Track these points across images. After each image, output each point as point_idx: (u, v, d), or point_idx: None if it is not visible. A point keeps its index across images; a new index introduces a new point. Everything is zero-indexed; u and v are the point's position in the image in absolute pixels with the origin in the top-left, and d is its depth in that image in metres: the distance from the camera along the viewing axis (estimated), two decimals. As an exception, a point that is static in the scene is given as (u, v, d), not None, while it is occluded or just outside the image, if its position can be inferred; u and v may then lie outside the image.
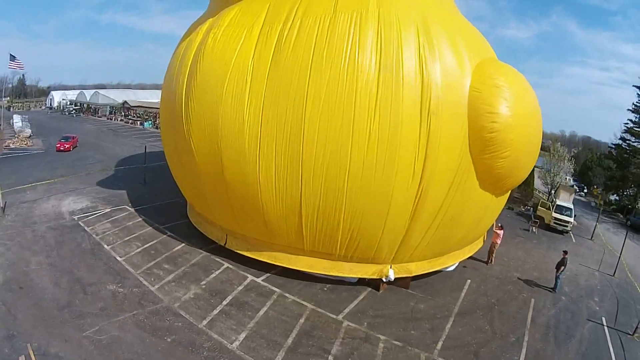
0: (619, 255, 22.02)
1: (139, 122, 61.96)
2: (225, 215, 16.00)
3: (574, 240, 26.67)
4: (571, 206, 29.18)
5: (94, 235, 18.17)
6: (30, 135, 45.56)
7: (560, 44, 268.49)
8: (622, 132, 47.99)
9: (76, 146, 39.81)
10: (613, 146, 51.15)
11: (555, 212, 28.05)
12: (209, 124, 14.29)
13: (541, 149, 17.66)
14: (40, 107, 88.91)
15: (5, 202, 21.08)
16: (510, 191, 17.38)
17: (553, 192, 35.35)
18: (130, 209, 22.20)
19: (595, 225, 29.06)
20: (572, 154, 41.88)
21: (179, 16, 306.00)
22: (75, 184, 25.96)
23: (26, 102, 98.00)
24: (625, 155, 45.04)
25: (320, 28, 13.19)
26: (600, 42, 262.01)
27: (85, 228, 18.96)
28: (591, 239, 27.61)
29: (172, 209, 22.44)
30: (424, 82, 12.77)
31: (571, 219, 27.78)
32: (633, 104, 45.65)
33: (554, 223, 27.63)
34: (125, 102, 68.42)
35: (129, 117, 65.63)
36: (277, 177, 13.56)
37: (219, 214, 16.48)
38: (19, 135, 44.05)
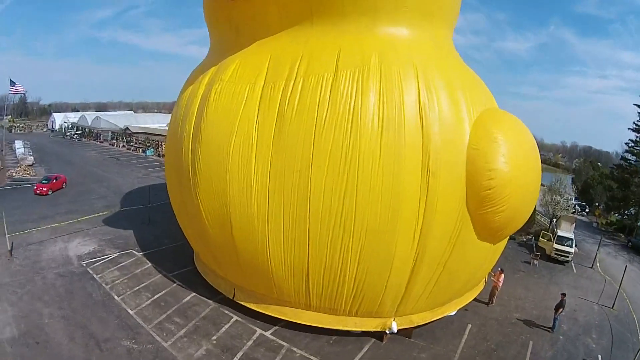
0: (618, 285, 22.16)
1: (141, 149, 62.32)
2: (233, 271, 16.27)
3: (574, 271, 26.77)
4: (572, 236, 29.23)
5: (103, 285, 18.47)
6: (33, 164, 45.94)
7: (558, 54, 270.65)
8: (624, 152, 48.43)
9: (62, 187, 35.56)
10: (614, 166, 51.54)
11: (556, 243, 28.16)
12: (216, 184, 14.47)
13: (542, 162, 17.43)
14: (42, 129, 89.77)
15: (12, 243, 21.34)
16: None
17: (554, 221, 35.39)
18: (137, 253, 22.46)
19: (597, 253, 29.14)
20: (574, 165, 41.96)
21: (179, 35, 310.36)
22: (80, 223, 26.11)
23: (27, 123, 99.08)
24: (627, 175, 45.29)
25: (323, 89, 13.14)
26: (598, 50, 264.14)
27: (94, 276, 19.29)
28: (592, 267, 27.71)
29: (179, 254, 22.49)
30: (424, 142, 12.93)
31: (572, 249, 27.90)
32: (634, 122, 45.89)
33: (555, 254, 27.78)
34: (127, 127, 68.98)
35: (131, 143, 66.04)
36: (285, 237, 13.80)
37: (227, 269, 16.77)
38: (22, 164, 44.46)
